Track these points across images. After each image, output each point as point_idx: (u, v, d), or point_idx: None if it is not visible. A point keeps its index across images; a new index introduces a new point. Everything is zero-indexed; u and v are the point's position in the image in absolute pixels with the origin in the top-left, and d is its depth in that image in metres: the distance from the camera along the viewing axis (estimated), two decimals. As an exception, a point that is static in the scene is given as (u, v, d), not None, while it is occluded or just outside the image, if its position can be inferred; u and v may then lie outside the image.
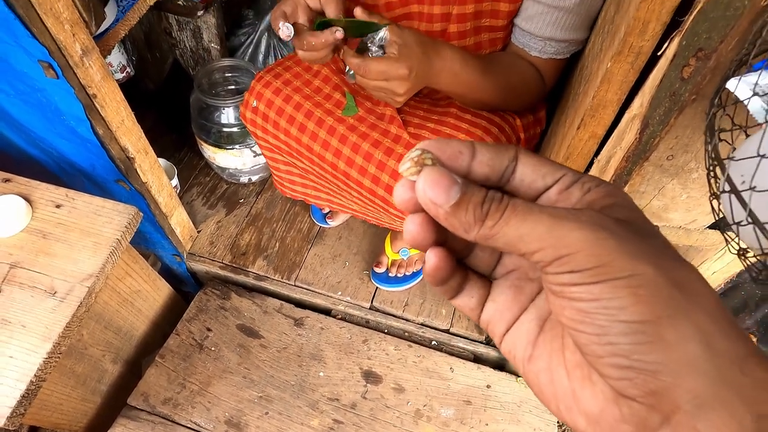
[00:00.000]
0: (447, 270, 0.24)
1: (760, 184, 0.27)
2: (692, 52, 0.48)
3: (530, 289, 0.24)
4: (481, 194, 0.21)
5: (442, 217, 0.21)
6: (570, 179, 0.21)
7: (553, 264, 0.19)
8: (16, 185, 0.86)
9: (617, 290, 0.18)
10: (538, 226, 0.20)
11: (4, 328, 0.73)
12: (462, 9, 0.80)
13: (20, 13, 0.68)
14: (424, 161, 0.21)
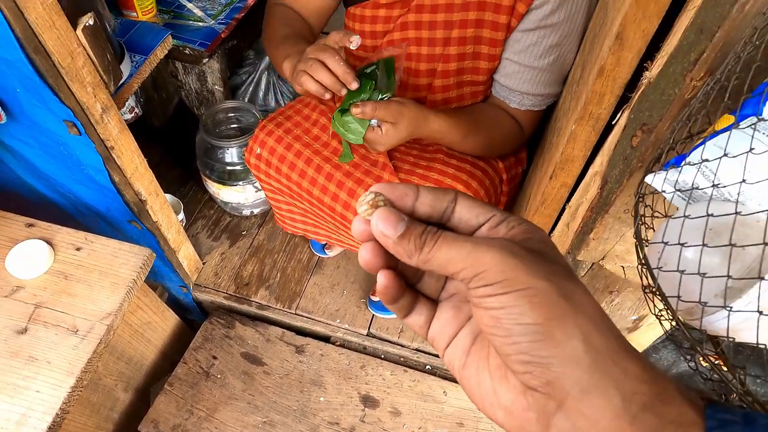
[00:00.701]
0: (395, 289, 0.28)
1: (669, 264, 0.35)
2: (638, 125, 0.56)
3: (467, 310, 0.29)
4: (420, 228, 0.26)
5: (390, 246, 0.26)
6: (498, 219, 0.26)
7: (472, 280, 0.24)
8: (39, 230, 0.93)
9: (518, 299, 0.23)
10: (462, 250, 0.25)
11: (31, 365, 0.80)
12: (446, 66, 0.89)
13: (49, 82, 0.76)
14: (377, 203, 0.27)
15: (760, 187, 0.34)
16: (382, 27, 0.91)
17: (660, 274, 0.36)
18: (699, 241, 0.32)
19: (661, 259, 0.36)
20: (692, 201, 0.38)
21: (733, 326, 0.31)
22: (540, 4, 0.78)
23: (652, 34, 0.53)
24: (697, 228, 0.33)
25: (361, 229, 0.28)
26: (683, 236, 0.34)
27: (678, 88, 0.49)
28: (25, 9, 0.67)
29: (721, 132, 0.37)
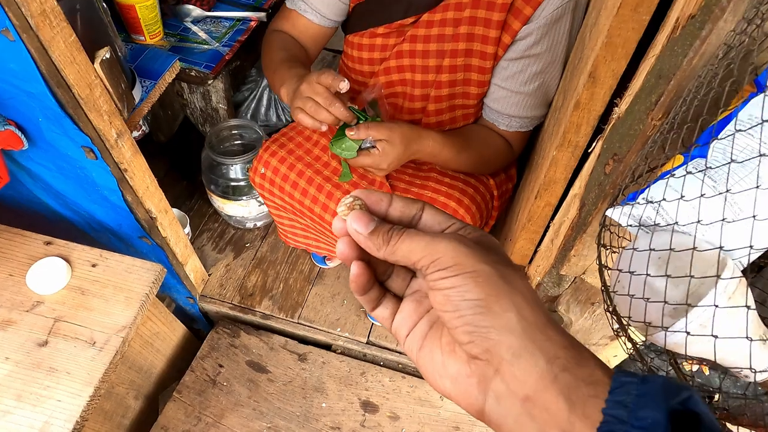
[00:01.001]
0: (364, 277, 0.33)
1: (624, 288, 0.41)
2: (610, 154, 0.62)
3: (426, 304, 0.33)
4: (387, 227, 0.31)
5: (362, 241, 0.31)
6: (457, 226, 0.31)
7: (429, 266, 0.29)
8: (56, 247, 0.99)
9: (465, 279, 0.28)
10: (421, 242, 0.30)
11: (52, 375, 0.85)
12: (438, 92, 0.95)
13: (70, 112, 0.81)
14: (354, 206, 0.32)
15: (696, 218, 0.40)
16: (379, 54, 0.97)
17: (616, 297, 0.42)
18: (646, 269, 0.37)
19: (618, 283, 0.42)
20: (647, 232, 0.44)
21: (674, 343, 0.36)
22: (524, 36, 0.84)
23: (620, 74, 0.59)
24: (647, 257, 0.39)
25: (338, 227, 0.33)
26: (636, 264, 0.40)
27: (642, 125, 0.55)
28: (50, 47, 0.73)
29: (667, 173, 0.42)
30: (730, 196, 0.40)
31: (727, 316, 0.38)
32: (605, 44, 0.58)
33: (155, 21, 1.25)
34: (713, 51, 0.44)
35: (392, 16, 0.93)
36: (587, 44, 0.67)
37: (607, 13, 0.58)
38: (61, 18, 0.74)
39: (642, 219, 0.43)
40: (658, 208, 0.41)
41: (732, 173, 0.41)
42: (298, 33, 1.02)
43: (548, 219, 0.83)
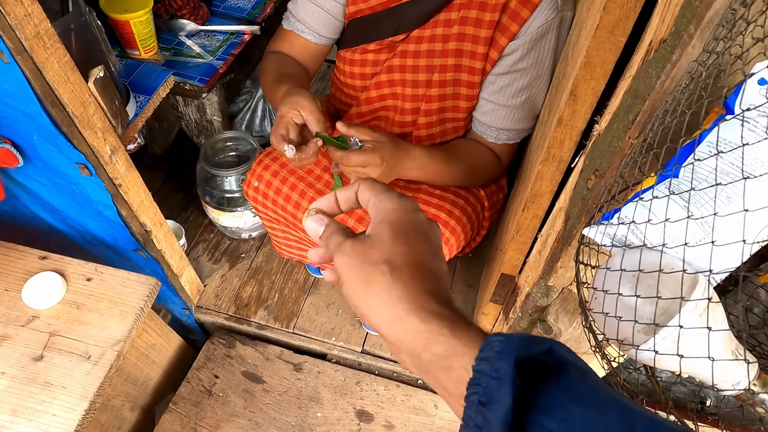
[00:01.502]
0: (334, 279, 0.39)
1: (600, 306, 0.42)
2: (592, 170, 0.64)
3: None
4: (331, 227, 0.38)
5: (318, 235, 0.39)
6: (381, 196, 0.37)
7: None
8: (51, 262, 1.00)
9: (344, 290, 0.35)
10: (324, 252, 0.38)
11: (47, 390, 0.86)
12: (428, 106, 0.96)
13: (64, 130, 0.83)
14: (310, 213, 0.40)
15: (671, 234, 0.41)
16: (371, 70, 0.99)
17: (592, 314, 0.43)
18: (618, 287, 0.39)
19: (595, 300, 0.43)
20: (623, 248, 0.46)
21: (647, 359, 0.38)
22: (510, 52, 0.86)
23: (600, 92, 0.61)
24: (624, 273, 0.40)
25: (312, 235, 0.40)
26: (610, 282, 0.41)
27: (620, 142, 0.57)
28: (44, 68, 0.74)
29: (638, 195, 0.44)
30: (701, 214, 0.42)
31: (699, 332, 0.39)
32: (584, 64, 0.60)
33: (150, 36, 1.26)
34: (683, 74, 0.46)
35: (383, 33, 0.95)
36: (569, 62, 0.69)
37: (586, 34, 0.60)
38: (55, 39, 0.75)
39: (617, 238, 0.44)
40: (632, 227, 0.43)
41: (702, 193, 0.42)
42: (297, 52, 1.04)
43: (536, 230, 0.84)
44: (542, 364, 0.27)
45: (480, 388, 0.26)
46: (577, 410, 0.25)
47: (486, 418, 0.26)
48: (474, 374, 0.27)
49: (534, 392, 0.26)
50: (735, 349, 0.41)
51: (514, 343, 0.27)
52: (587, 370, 0.28)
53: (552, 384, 0.26)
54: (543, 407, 0.26)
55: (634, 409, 0.25)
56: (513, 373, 0.26)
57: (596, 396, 0.26)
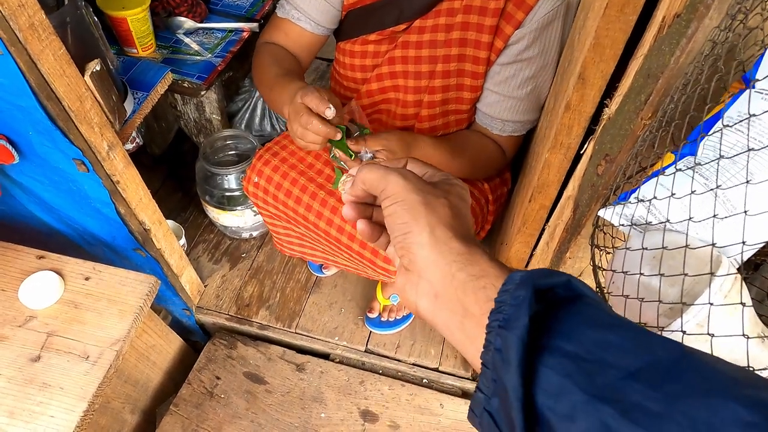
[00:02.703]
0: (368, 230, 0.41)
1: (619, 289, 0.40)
2: (602, 155, 0.62)
3: None
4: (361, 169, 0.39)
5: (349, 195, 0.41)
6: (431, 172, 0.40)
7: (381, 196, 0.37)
8: (49, 261, 0.98)
9: (397, 206, 0.36)
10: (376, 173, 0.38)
11: (45, 391, 0.84)
12: (431, 97, 0.95)
13: (60, 125, 0.81)
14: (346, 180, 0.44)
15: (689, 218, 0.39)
16: (371, 61, 0.97)
17: (611, 298, 0.41)
18: (640, 269, 0.37)
19: (613, 284, 0.41)
20: (640, 232, 0.44)
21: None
22: (516, 40, 0.85)
23: (609, 74, 0.59)
24: (640, 257, 0.39)
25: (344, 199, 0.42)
26: (630, 264, 0.39)
27: (632, 124, 0.55)
28: (39, 61, 0.73)
29: (657, 173, 0.42)
30: (722, 192, 0.40)
31: (724, 314, 0.38)
32: (593, 45, 0.58)
33: (147, 33, 1.25)
34: (699, 48, 0.44)
35: (384, 23, 0.93)
36: (576, 46, 0.67)
37: (594, 15, 0.58)
38: (50, 31, 0.73)
39: (634, 218, 0.42)
40: (650, 207, 0.41)
41: (722, 170, 0.40)
42: (291, 42, 1.00)
43: (543, 222, 0.83)
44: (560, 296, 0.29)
45: (500, 315, 0.28)
46: (592, 332, 0.26)
47: (504, 339, 0.27)
48: (496, 304, 0.29)
49: (551, 319, 0.27)
50: (761, 331, 0.39)
51: (534, 274, 0.28)
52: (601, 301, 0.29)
53: (568, 310, 0.28)
54: (560, 331, 0.27)
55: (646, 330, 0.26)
56: (531, 297, 0.27)
57: (610, 319, 0.27)
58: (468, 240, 0.35)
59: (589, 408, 0.24)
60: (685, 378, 0.23)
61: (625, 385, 0.24)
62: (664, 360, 0.24)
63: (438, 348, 1.29)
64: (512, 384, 0.26)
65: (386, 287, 1.31)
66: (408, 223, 0.35)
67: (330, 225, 0.97)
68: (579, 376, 0.25)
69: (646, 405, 0.23)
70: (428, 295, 0.34)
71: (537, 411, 0.26)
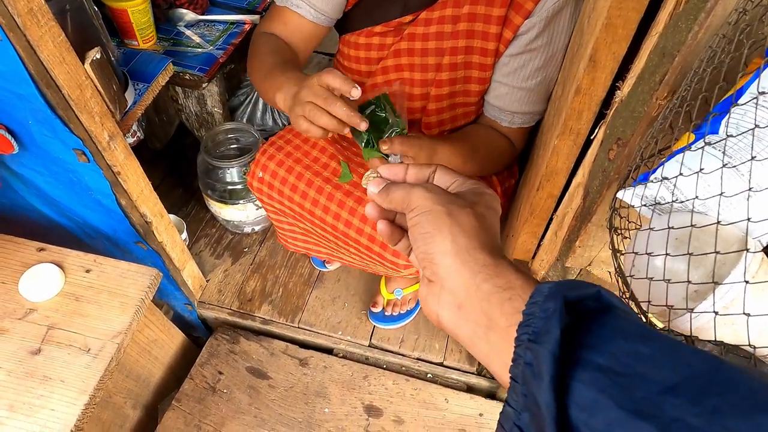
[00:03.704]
0: (388, 231, 0.42)
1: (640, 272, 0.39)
2: (614, 139, 0.61)
3: None
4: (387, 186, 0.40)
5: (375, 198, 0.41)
6: (459, 182, 0.40)
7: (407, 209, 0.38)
8: (49, 253, 0.97)
9: (421, 217, 0.36)
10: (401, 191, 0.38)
11: (46, 384, 0.83)
12: (439, 90, 0.93)
13: (60, 113, 0.80)
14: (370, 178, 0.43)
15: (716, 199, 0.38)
16: (376, 54, 0.96)
17: (633, 281, 0.40)
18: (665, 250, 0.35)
19: (633, 268, 0.40)
20: (660, 213, 0.42)
21: (699, 327, 0.34)
22: (525, 30, 0.83)
23: (622, 56, 0.58)
24: (663, 238, 0.37)
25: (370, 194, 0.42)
26: (652, 246, 0.38)
27: (646, 106, 0.54)
28: (38, 47, 0.71)
29: (680, 151, 0.41)
30: (747, 172, 0.39)
31: (752, 296, 0.36)
32: (605, 26, 0.56)
33: (148, 25, 1.24)
34: (719, 23, 0.43)
35: (390, 15, 0.91)
36: (586, 30, 0.66)
37: (607, -6, 0.57)
38: (49, 17, 0.72)
39: (655, 199, 0.41)
40: (673, 188, 0.39)
41: (748, 147, 0.39)
42: (290, 33, 0.96)
43: (551, 211, 0.81)
44: (590, 308, 0.28)
45: (529, 328, 0.27)
46: (624, 344, 0.25)
47: (535, 353, 0.26)
48: (524, 317, 0.28)
49: (581, 332, 0.27)
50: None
51: (563, 286, 0.28)
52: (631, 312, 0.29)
53: (598, 323, 0.27)
54: (591, 344, 0.26)
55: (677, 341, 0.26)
56: (561, 309, 0.26)
57: (642, 331, 0.26)
58: (494, 251, 0.34)
59: (626, 424, 0.23)
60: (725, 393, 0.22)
61: (662, 400, 0.23)
62: (702, 373, 0.24)
63: (442, 342, 1.28)
64: (545, 399, 0.25)
65: (390, 281, 1.30)
66: (430, 232, 0.35)
67: (337, 220, 0.95)
68: (614, 391, 0.24)
69: (686, 420, 0.22)
70: (451, 306, 0.33)
71: (571, 426, 0.25)
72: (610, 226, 0.45)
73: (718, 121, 0.43)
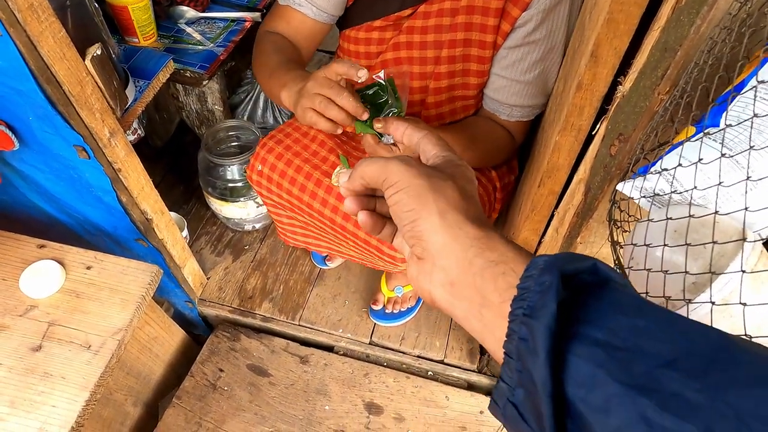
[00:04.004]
0: (370, 222, 0.40)
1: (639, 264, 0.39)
2: (615, 135, 0.60)
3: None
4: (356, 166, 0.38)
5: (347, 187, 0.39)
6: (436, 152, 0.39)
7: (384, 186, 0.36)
8: (50, 250, 0.97)
9: (402, 194, 0.34)
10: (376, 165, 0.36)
11: (46, 381, 0.83)
12: (437, 84, 0.93)
13: (60, 110, 0.80)
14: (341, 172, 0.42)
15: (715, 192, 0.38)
16: (376, 48, 0.96)
17: (631, 274, 0.40)
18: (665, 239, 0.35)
19: (632, 260, 0.40)
20: (660, 206, 0.42)
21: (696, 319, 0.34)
22: (523, 23, 0.83)
23: (623, 51, 0.58)
24: (662, 230, 0.37)
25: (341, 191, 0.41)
26: (651, 238, 0.38)
27: (648, 101, 0.53)
28: (38, 43, 0.71)
29: (680, 144, 0.40)
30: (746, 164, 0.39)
31: (748, 290, 0.36)
32: (607, 21, 0.56)
33: (149, 22, 1.24)
34: (721, 15, 0.43)
35: (389, 9, 0.91)
36: (587, 25, 0.65)
37: (609, -11, 0.56)
38: (49, 12, 0.72)
39: (654, 191, 0.41)
40: (672, 180, 0.39)
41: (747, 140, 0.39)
42: (293, 31, 0.97)
43: (552, 208, 0.81)
44: (586, 282, 0.27)
45: (524, 302, 0.27)
46: (623, 319, 0.25)
47: (530, 328, 0.25)
48: (519, 291, 0.28)
49: (578, 306, 0.26)
50: (787, 307, 0.38)
51: (559, 259, 0.27)
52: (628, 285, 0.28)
53: (595, 296, 0.26)
54: (588, 318, 0.26)
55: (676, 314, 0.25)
56: (557, 283, 0.26)
57: (638, 303, 0.26)
58: (482, 222, 0.33)
59: (625, 400, 0.23)
60: (727, 367, 0.22)
61: (662, 374, 0.22)
62: (702, 347, 0.23)
63: (443, 340, 1.28)
64: (540, 374, 0.25)
65: (391, 279, 1.29)
66: (415, 209, 0.33)
67: (335, 212, 0.95)
68: (612, 366, 0.24)
69: (686, 395, 0.21)
70: (443, 283, 0.32)
71: (567, 402, 0.25)
72: (610, 218, 0.45)
73: (718, 114, 0.43)
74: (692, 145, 0.39)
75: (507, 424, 0.28)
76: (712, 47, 0.40)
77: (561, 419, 0.25)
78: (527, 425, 0.26)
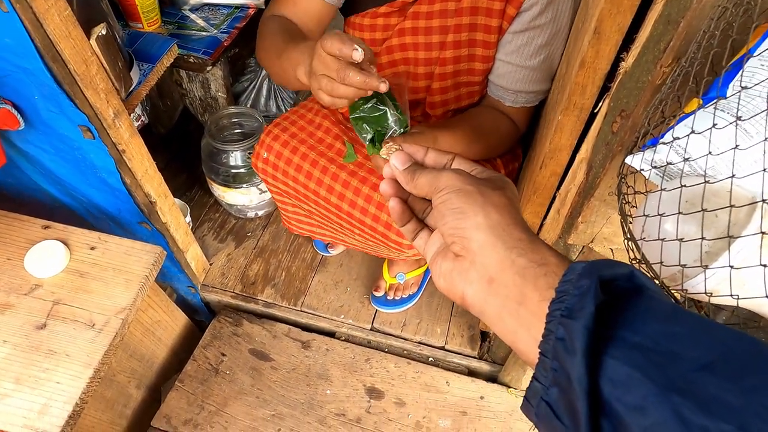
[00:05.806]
0: (400, 210, 0.41)
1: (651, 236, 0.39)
2: (617, 111, 0.61)
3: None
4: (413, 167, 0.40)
5: (398, 175, 0.41)
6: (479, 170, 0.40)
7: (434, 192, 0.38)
8: (54, 231, 0.97)
9: (451, 195, 0.36)
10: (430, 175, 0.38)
11: (51, 358, 0.84)
12: (443, 69, 0.93)
13: (66, 89, 0.80)
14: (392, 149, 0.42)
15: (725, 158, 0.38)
16: (381, 35, 0.96)
17: (644, 246, 0.40)
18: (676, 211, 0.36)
19: (644, 232, 0.40)
20: (668, 177, 0.43)
21: (711, 287, 0.35)
22: (529, 7, 0.83)
23: (626, 27, 0.58)
24: (674, 200, 0.37)
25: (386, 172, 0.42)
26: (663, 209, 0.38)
27: (650, 75, 0.54)
28: (44, 20, 0.72)
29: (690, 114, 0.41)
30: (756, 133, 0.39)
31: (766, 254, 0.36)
32: (610, -3, 0.56)
33: (153, 8, 1.24)
34: (725, -16, 0.43)
35: None
36: (591, 3, 0.65)
37: (612, -35, 0.56)
38: (55, -10, 0.72)
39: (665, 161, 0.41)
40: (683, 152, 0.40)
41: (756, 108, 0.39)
42: (300, 12, 0.94)
43: (554, 189, 0.81)
44: (622, 288, 0.28)
45: (562, 305, 0.27)
46: (659, 324, 0.26)
47: (568, 328, 0.26)
48: (557, 294, 0.29)
49: (614, 310, 0.27)
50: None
51: (598, 265, 0.28)
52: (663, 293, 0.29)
53: (631, 303, 0.27)
54: (624, 323, 0.26)
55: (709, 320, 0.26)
56: (596, 287, 0.27)
57: (673, 310, 0.27)
58: (526, 228, 0.34)
59: (661, 399, 0.23)
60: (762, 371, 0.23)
61: (698, 377, 0.23)
62: (737, 353, 0.24)
63: (444, 327, 1.28)
64: (577, 373, 0.25)
65: (392, 266, 1.30)
66: (461, 207, 0.35)
67: (342, 199, 0.95)
68: (649, 368, 0.24)
69: (723, 397, 0.22)
70: (481, 280, 0.33)
71: (602, 401, 0.25)
72: (619, 192, 0.45)
73: (726, 84, 0.43)
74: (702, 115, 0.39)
75: (539, 423, 0.29)
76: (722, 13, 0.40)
77: (595, 417, 0.25)
78: (561, 423, 0.27)
